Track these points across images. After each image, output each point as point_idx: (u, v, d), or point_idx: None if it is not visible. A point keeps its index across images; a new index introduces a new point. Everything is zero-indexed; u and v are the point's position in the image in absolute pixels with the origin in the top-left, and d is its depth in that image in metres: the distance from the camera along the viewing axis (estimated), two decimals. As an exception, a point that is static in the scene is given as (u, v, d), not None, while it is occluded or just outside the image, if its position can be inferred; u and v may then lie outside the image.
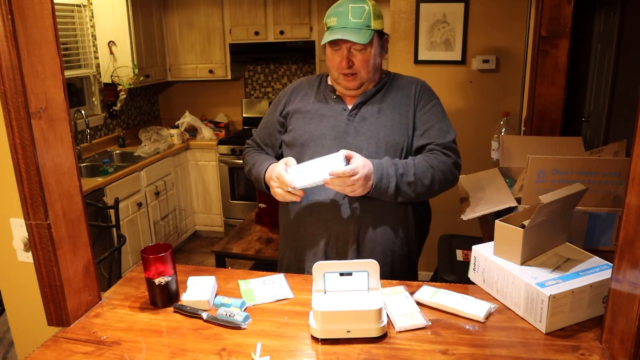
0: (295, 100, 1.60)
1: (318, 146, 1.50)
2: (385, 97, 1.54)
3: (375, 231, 1.50)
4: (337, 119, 1.52)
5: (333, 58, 1.48)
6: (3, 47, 1.04)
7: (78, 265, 1.26)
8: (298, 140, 1.53)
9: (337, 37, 1.40)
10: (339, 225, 1.49)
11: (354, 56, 1.45)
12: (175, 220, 4.18)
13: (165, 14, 4.38)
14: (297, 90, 1.62)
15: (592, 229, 1.55)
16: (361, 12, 1.42)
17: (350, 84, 1.49)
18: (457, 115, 3.06)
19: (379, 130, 1.49)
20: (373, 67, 1.49)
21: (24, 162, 1.11)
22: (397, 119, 1.51)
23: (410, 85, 1.57)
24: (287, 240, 1.63)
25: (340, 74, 1.48)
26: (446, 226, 2.77)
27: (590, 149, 1.84)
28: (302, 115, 1.55)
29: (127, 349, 1.13)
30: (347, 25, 1.41)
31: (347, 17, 1.42)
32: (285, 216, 1.63)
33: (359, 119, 1.50)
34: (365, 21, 1.42)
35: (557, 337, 1.11)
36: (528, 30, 2.76)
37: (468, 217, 1.60)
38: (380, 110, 1.51)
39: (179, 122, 4.42)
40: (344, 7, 1.43)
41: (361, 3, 1.44)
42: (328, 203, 1.49)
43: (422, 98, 1.55)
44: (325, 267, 1.20)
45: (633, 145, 0.95)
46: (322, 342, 1.12)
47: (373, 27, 1.44)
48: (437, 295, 1.26)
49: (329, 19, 1.46)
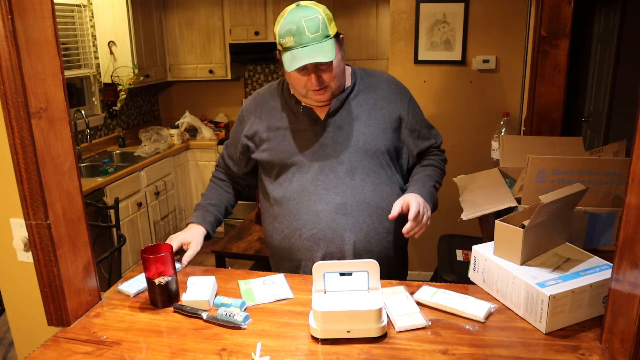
0: (261, 118, 1.52)
1: (299, 163, 1.45)
2: (359, 101, 1.48)
3: (370, 240, 1.46)
4: (311, 131, 1.46)
5: (299, 78, 1.38)
6: (3, 47, 1.04)
7: (78, 265, 1.26)
8: (276, 160, 1.48)
9: (304, 62, 1.31)
10: (332, 241, 1.44)
11: (322, 72, 1.37)
12: (175, 220, 4.18)
13: (165, 14, 4.38)
14: (260, 105, 1.54)
15: (592, 229, 1.55)
16: (317, 23, 1.32)
17: (323, 97, 1.42)
18: (457, 115, 3.07)
19: (358, 138, 1.44)
20: (341, 74, 1.42)
21: (24, 162, 1.11)
22: (375, 124, 1.47)
23: (385, 84, 1.52)
24: (278, 261, 1.58)
25: (310, 90, 1.40)
26: (446, 226, 2.77)
27: (590, 149, 1.84)
28: (274, 133, 1.49)
29: (127, 349, 1.13)
30: (307, 43, 1.31)
31: (303, 34, 1.31)
32: (270, 238, 1.56)
33: (335, 129, 1.45)
34: (322, 32, 1.32)
35: (557, 337, 1.11)
36: (528, 30, 2.76)
37: (468, 217, 1.60)
38: (356, 117, 1.46)
39: (179, 122, 4.43)
40: (297, 24, 1.31)
41: (312, 14, 1.33)
42: (316, 220, 1.44)
43: (403, 100, 1.53)
44: (325, 267, 1.20)
45: (633, 145, 0.95)
46: (322, 342, 1.12)
47: (331, 34, 1.35)
48: (437, 295, 1.26)
49: (284, 39, 1.33)
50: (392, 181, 1.50)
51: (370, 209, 1.44)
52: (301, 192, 1.46)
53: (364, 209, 1.44)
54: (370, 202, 1.45)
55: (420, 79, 3.07)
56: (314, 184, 1.45)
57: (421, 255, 2.89)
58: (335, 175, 1.44)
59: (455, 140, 2.99)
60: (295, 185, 1.46)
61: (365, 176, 1.45)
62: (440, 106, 3.07)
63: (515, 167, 1.85)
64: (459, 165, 2.42)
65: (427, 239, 1.72)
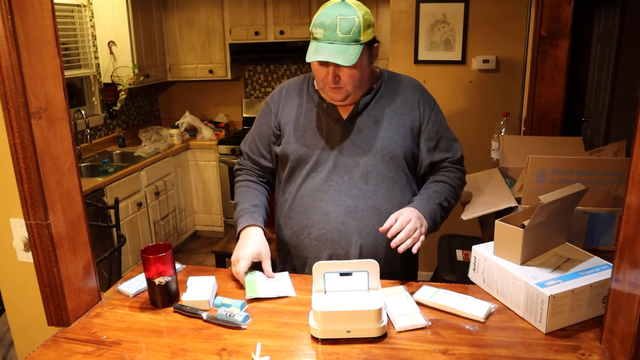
0: (285, 109, 1.52)
1: (315, 161, 1.45)
2: (381, 105, 1.47)
3: (377, 246, 1.45)
4: (331, 131, 1.45)
5: (319, 70, 1.39)
6: (3, 47, 1.04)
7: (78, 265, 1.26)
8: (293, 156, 1.47)
9: (323, 58, 1.32)
10: (339, 243, 1.44)
11: (340, 71, 1.36)
12: (175, 220, 4.18)
13: (165, 14, 4.38)
14: (285, 97, 1.54)
15: (592, 229, 1.55)
16: (350, 25, 1.30)
17: (337, 96, 1.41)
18: (457, 115, 3.06)
19: (377, 142, 1.43)
20: (360, 81, 1.41)
21: (24, 162, 1.11)
22: (395, 129, 1.45)
23: (409, 90, 1.52)
24: (285, 255, 1.58)
25: (326, 85, 1.41)
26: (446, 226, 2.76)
27: (590, 149, 1.84)
28: (294, 127, 1.48)
29: (127, 349, 1.13)
30: (334, 40, 1.31)
31: (334, 31, 1.30)
32: (280, 232, 1.57)
33: (355, 131, 1.44)
34: (354, 36, 1.31)
35: (557, 337, 1.11)
36: (528, 30, 2.76)
37: (468, 217, 1.60)
38: (376, 121, 1.45)
39: (179, 122, 4.42)
40: (332, 19, 1.31)
41: (351, 14, 1.31)
42: (326, 220, 1.44)
43: (425, 107, 1.51)
44: (325, 267, 1.20)
45: (633, 145, 0.95)
46: (322, 342, 1.12)
47: (362, 41, 1.33)
48: (437, 295, 1.26)
49: (316, 28, 1.34)
50: (407, 189, 1.49)
51: (380, 215, 1.42)
52: (314, 191, 1.46)
53: (374, 214, 1.43)
54: (382, 208, 1.44)
55: (420, 79, 3.02)
56: (327, 184, 1.44)
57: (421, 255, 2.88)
58: (349, 177, 1.44)
59: (455, 140, 2.98)
60: (309, 183, 1.46)
61: (379, 181, 1.44)
62: (440, 106, 3.06)
63: (515, 167, 1.85)
64: (459, 165, 2.41)
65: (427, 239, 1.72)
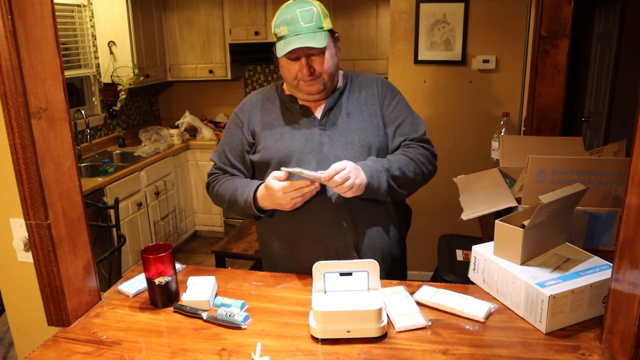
0: (257, 117, 1.53)
1: (296, 162, 1.45)
2: (350, 99, 1.51)
3: (373, 237, 1.47)
4: (308, 130, 1.47)
5: (290, 68, 1.42)
6: (3, 47, 1.04)
7: (78, 265, 1.26)
8: (274, 159, 1.47)
9: (295, 46, 1.35)
10: (336, 239, 1.44)
11: (313, 61, 1.40)
12: (175, 220, 4.18)
13: (165, 14, 4.38)
14: (255, 106, 1.55)
15: (592, 229, 1.55)
16: (311, 14, 1.37)
17: (313, 88, 1.44)
18: (457, 115, 3.06)
19: (353, 135, 1.46)
20: (333, 68, 1.45)
21: (24, 162, 1.11)
22: (367, 120, 1.49)
23: (371, 83, 1.55)
24: (279, 263, 1.54)
25: (300, 80, 1.43)
26: (446, 226, 2.77)
27: (590, 149, 1.84)
28: (271, 132, 1.49)
29: (127, 349, 1.13)
30: (300, 32, 1.36)
31: (297, 23, 1.36)
32: (270, 242, 1.54)
33: (330, 127, 1.47)
34: (316, 23, 1.37)
35: (557, 337, 1.11)
36: (528, 30, 2.76)
37: (468, 217, 1.60)
38: (348, 114, 1.48)
39: (179, 122, 4.42)
40: (292, 14, 1.38)
41: (308, 5, 1.39)
42: (320, 219, 1.44)
43: (386, 95, 1.53)
44: (325, 267, 1.20)
45: (633, 145, 0.95)
46: (322, 342, 1.12)
47: (325, 27, 1.39)
48: (437, 295, 1.26)
49: (278, 28, 1.39)
50: None
51: (369, 205, 1.44)
52: None
53: (363, 205, 1.44)
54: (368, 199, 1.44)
55: (420, 79, 3.07)
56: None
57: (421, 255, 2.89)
58: None
59: (455, 140, 2.99)
60: None
61: None
62: (440, 106, 3.07)
63: (515, 167, 1.85)
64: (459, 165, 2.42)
65: (427, 239, 1.72)
